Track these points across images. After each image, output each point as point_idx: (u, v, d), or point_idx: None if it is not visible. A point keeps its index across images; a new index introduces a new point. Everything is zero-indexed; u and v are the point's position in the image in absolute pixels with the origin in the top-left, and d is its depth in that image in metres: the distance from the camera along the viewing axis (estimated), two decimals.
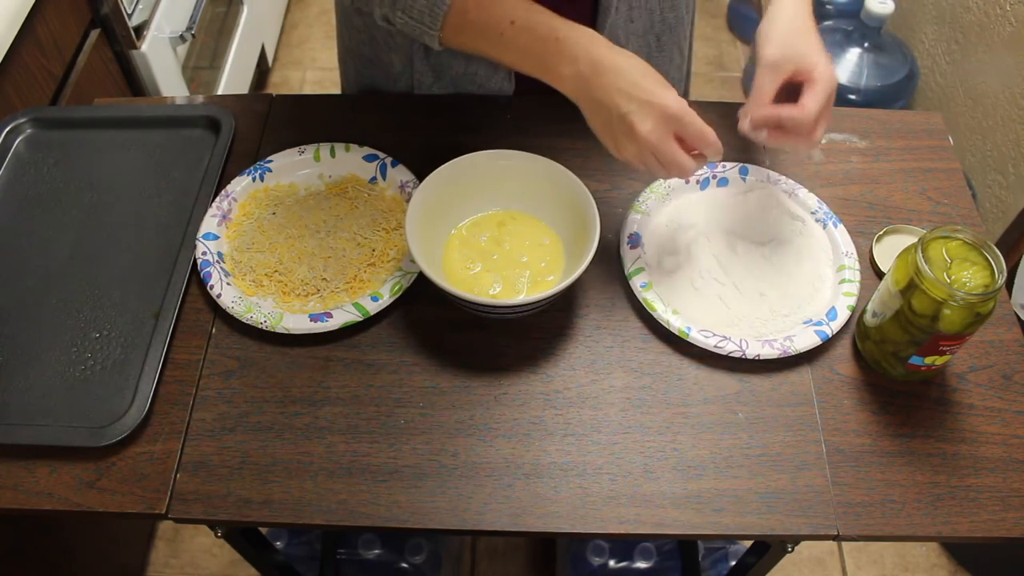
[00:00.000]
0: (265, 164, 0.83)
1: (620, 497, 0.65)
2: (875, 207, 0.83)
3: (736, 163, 0.83)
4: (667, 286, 0.76)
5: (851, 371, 0.72)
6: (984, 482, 0.67)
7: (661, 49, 0.88)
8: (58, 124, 0.90)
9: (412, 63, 0.89)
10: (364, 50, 0.93)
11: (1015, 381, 0.72)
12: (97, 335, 0.74)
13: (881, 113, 0.91)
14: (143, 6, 1.39)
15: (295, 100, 0.93)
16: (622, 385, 0.71)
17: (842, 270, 0.76)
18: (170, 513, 0.65)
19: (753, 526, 0.64)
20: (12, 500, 0.66)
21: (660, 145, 0.66)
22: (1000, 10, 1.54)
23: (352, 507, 0.65)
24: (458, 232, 0.79)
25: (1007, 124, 1.53)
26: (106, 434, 0.67)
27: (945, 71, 1.75)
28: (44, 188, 0.84)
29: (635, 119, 0.66)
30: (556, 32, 0.69)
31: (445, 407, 0.70)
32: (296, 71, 2.27)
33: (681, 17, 0.86)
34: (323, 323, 0.72)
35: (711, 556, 1.24)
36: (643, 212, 0.80)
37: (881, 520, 0.65)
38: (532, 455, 0.67)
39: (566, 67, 0.69)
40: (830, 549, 1.48)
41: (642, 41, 0.86)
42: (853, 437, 0.69)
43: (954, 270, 0.64)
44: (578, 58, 0.68)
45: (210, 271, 0.75)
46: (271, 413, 0.69)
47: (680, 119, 0.66)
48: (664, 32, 0.87)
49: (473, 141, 0.80)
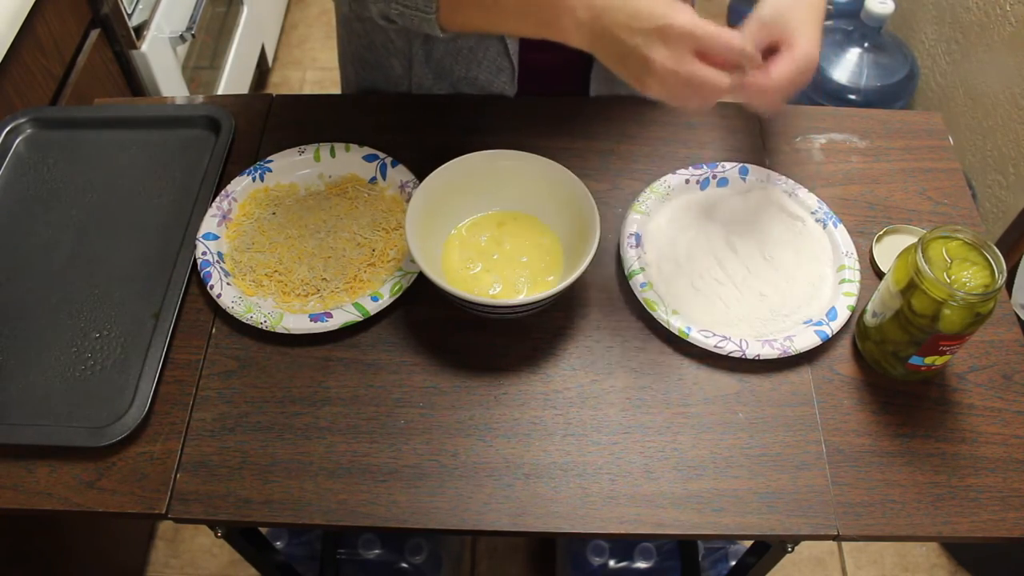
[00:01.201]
0: (265, 164, 0.83)
1: (620, 497, 0.65)
2: (875, 207, 0.83)
3: (736, 163, 0.83)
4: (667, 286, 0.76)
5: (851, 371, 0.72)
6: (984, 482, 0.67)
7: None
8: (58, 124, 0.90)
9: (412, 67, 0.89)
10: (365, 55, 0.93)
11: (1015, 381, 0.72)
12: (97, 335, 0.74)
13: (881, 113, 0.91)
14: (143, 6, 1.39)
15: (295, 100, 0.93)
16: (622, 385, 0.71)
17: (842, 270, 0.76)
18: (170, 513, 0.65)
19: (753, 526, 0.64)
20: (12, 500, 0.66)
21: (681, 69, 0.61)
22: (1000, 10, 1.54)
23: (352, 507, 0.65)
24: (458, 232, 0.79)
25: (1007, 124, 1.53)
26: (106, 434, 0.67)
27: (945, 71, 1.75)
28: (44, 188, 0.84)
29: (646, 51, 0.61)
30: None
31: (445, 407, 0.70)
32: (296, 71, 2.27)
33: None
34: (323, 323, 0.72)
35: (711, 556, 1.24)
36: (643, 212, 0.80)
37: (881, 520, 0.65)
38: (532, 455, 0.67)
39: (566, 19, 0.66)
40: (830, 549, 1.48)
41: None
42: (853, 437, 0.69)
43: (954, 270, 0.64)
44: (574, 6, 0.65)
45: (210, 271, 0.75)
46: (271, 413, 0.69)
47: (692, 33, 0.61)
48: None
49: (473, 141, 0.80)
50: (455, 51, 0.86)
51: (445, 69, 0.88)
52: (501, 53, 0.85)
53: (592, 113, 0.89)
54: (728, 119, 0.90)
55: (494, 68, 0.87)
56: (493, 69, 0.87)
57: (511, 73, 0.87)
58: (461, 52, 0.86)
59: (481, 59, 0.86)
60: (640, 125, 0.89)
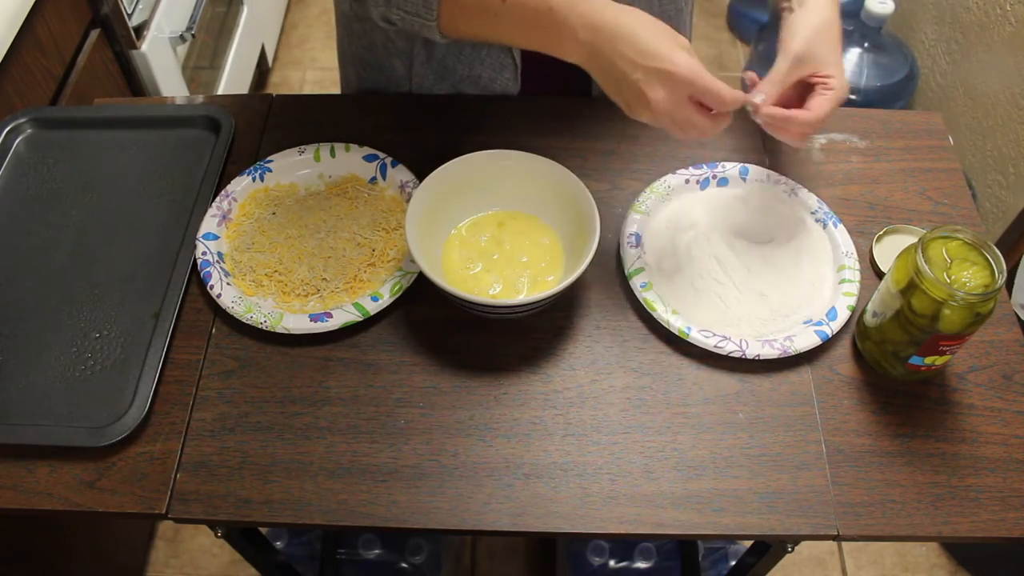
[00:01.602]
0: (265, 164, 0.83)
1: (620, 497, 0.65)
2: (875, 207, 0.83)
3: (736, 163, 0.83)
4: (667, 286, 0.76)
5: (851, 371, 0.72)
6: (984, 482, 0.67)
7: None
8: (58, 124, 0.90)
9: (413, 66, 0.89)
10: (365, 55, 0.93)
11: (1015, 381, 0.72)
12: (97, 335, 0.74)
13: (881, 113, 0.91)
14: (143, 6, 1.39)
15: (295, 100, 0.93)
16: (622, 385, 0.71)
17: (842, 270, 0.76)
18: (170, 513, 0.65)
19: (753, 526, 0.64)
20: (12, 500, 0.66)
21: (675, 111, 0.64)
22: (1000, 10, 1.54)
23: (352, 507, 0.65)
24: (458, 232, 0.79)
25: (1007, 124, 1.53)
26: (106, 434, 0.67)
27: (945, 71, 1.75)
28: (44, 188, 0.84)
29: (645, 87, 0.63)
30: (548, 1, 0.67)
31: (445, 407, 0.70)
32: (296, 71, 2.27)
33: (680, 8, 0.86)
34: (323, 323, 0.72)
35: (711, 556, 1.24)
36: (643, 212, 0.80)
37: (881, 520, 0.65)
38: (532, 455, 0.67)
39: (566, 37, 0.67)
40: (830, 549, 1.48)
41: None
42: (853, 437, 0.69)
43: (954, 270, 0.64)
44: (576, 26, 0.66)
45: (210, 271, 0.75)
46: (271, 413, 0.69)
47: (692, 83, 0.63)
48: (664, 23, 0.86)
49: (473, 141, 0.80)
50: (457, 50, 0.86)
51: (448, 68, 0.88)
52: (503, 50, 0.85)
53: (593, 113, 0.89)
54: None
55: (497, 65, 0.87)
56: (496, 66, 0.87)
57: (514, 70, 0.87)
58: (463, 51, 0.86)
59: (484, 57, 0.86)
60: (640, 125, 0.88)
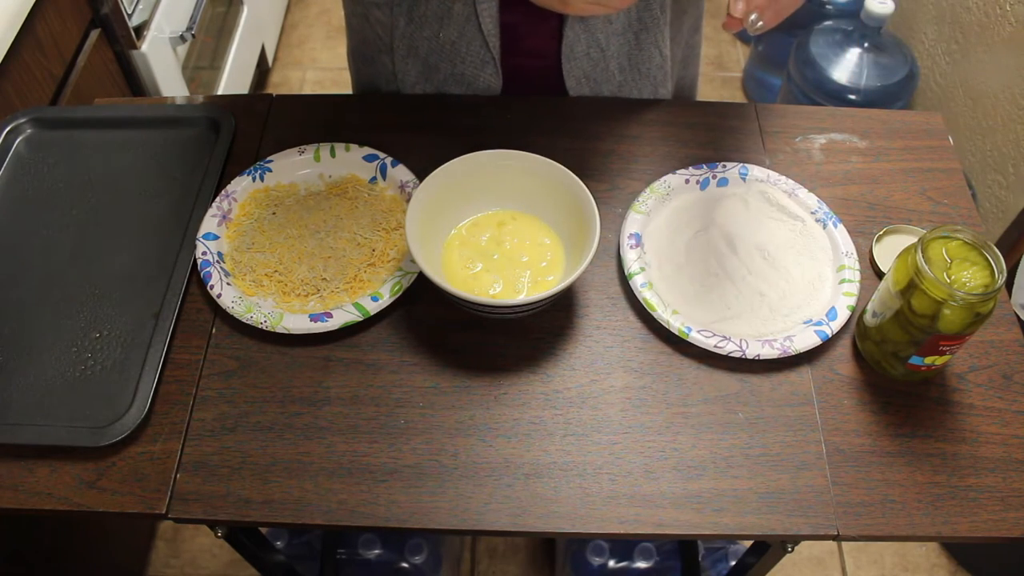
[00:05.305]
0: (265, 164, 0.83)
1: (620, 497, 0.65)
2: (875, 207, 0.83)
3: (736, 163, 0.83)
4: (667, 286, 0.76)
5: (851, 371, 0.72)
6: (984, 482, 0.67)
7: (640, 48, 0.88)
8: (58, 124, 0.90)
9: (395, 62, 0.90)
10: (361, 49, 0.95)
11: (1015, 381, 0.72)
12: (97, 335, 0.74)
13: (881, 113, 0.91)
14: (143, 6, 1.39)
15: (295, 100, 0.93)
16: (622, 385, 0.71)
17: (842, 270, 0.76)
18: (170, 513, 0.65)
19: (753, 526, 0.64)
20: (12, 500, 0.66)
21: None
22: (1000, 10, 1.54)
23: (352, 507, 0.65)
24: (458, 232, 0.79)
25: (1007, 124, 1.53)
26: (106, 434, 0.67)
27: (945, 71, 1.75)
28: (44, 188, 0.84)
29: None
30: None
31: (445, 407, 0.70)
32: (296, 71, 2.27)
33: (656, 17, 0.86)
34: (323, 323, 0.72)
35: (711, 556, 1.24)
36: (643, 212, 0.80)
37: (881, 520, 0.65)
38: (532, 455, 0.67)
39: None
40: (830, 549, 1.48)
41: (622, 39, 0.87)
42: (853, 437, 0.69)
43: (954, 270, 0.64)
44: None
45: (210, 271, 0.75)
46: (271, 413, 0.69)
47: None
48: (642, 31, 0.87)
49: (473, 141, 0.80)
50: (438, 48, 0.87)
51: (430, 66, 0.89)
52: (482, 46, 0.86)
53: (592, 113, 0.89)
54: (728, 119, 0.90)
55: (478, 62, 0.87)
56: (477, 63, 0.87)
57: (494, 65, 0.88)
58: (444, 48, 0.87)
59: (464, 54, 0.87)
60: (640, 125, 0.89)
